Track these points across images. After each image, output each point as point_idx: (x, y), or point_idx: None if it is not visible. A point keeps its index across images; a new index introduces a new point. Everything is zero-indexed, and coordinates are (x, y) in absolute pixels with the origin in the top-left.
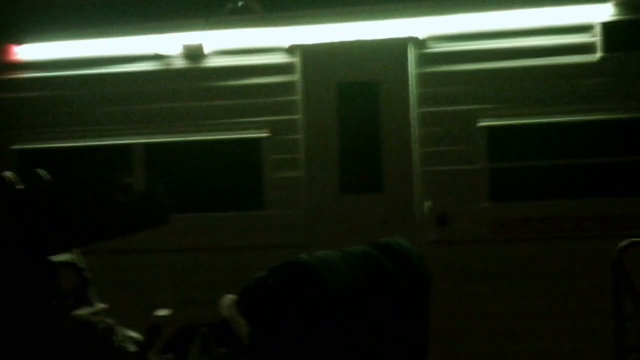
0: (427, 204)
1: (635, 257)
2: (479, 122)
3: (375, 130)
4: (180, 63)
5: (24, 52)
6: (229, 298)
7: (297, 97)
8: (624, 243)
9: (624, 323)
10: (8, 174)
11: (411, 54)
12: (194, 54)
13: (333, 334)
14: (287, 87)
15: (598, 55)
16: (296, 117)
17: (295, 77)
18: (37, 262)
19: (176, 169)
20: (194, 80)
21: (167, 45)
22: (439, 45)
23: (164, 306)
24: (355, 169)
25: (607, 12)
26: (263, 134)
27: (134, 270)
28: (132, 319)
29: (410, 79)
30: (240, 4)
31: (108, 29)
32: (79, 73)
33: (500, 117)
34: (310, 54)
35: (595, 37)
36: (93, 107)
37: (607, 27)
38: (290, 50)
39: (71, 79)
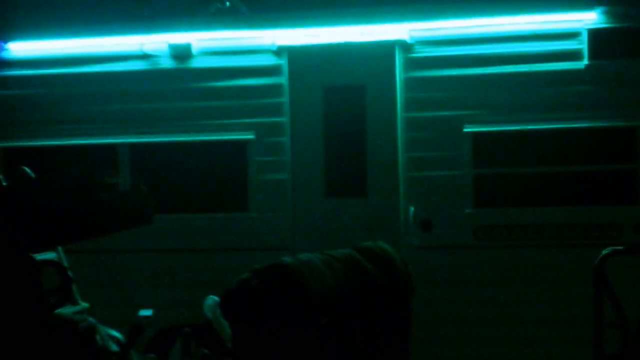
0: (412, 209)
1: (617, 265)
2: (464, 128)
3: (361, 134)
4: (167, 63)
5: (12, 49)
6: (212, 300)
7: (284, 99)
8: (605, 251)
9: (604, 331)
10: None
11: (398, 59)
12: (181, 54)
13: (315, 337)
14: (273, 90)
15: (584, 62)
16: (282, 119)
17: (282, 79)
18: (19, 259)
19: (162, 169)
20: (180, 81)
21: (155, 45)
22: (426, 50)
23: (147, 306)
24: (341, 173)
25: (594, 20)
26: (249, 136)
27: (117, 269)
28: (115, 318)
29: (397, 83)
30: (227, 4)
31: (96, 27)
32: (67, 71)
33: (486, 123)
34: (297, 57)
35: (582, 45)
36: (80, 105)
37: (594, 34)
38: (278, 52)
39: (59, 78)
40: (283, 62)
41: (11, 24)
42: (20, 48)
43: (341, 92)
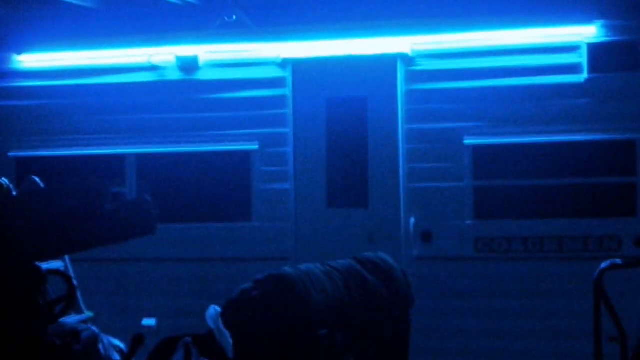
0: (412, 220)
1: (616, 278)
2: (465, 140)
3: (363, 145)
4: (173, 75)
5: (22, 61)
6: (214, 309)
7: (287, 111)
8: (604, 264)
9: (603, 344)
10: (3, 180)
11: (400, 71)
12: (187, 66)
13: (315, 347)
14: (277, 101)
15: (584, 76)
16: (286, 130)
17: (286, 91)
18: (25, 268)
19: (167, 179)
20: (186, 92)
21: (162, 57)
22: (427, 63)
23: (150, 316)
24: (343, 184)
25: (593, 34)
26: (253, 147)
27: (121, 279)
28: (118, 327)
29: (398, 95)
30: (234, 17)
31: (105, 40)
32: (76, 83)
33: (486, 135)
34: (301, 69)
35: (581, 58)
36: (89, 116)
37: (594, 48)
38: (282, 64)
39: (68, 89)
40: (287, 74)
41: (23, 36)
42: (30, 60)
43: (344, 103)
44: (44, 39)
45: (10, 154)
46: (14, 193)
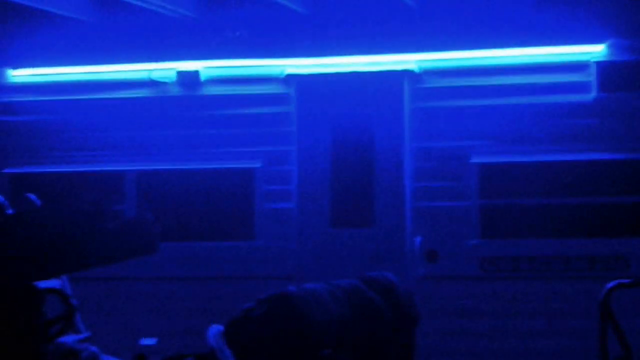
0: (418, 240)
1: (623, 298)
2: (471, 159)
3: (368, 164)
4: (175, 91)
5: (18, 75)
6: (216, 328)
7: (291, 128)
8: (611, 284)
9: None
10: None
11: (407, 89)
12: (189, 81)
13: None
14: (281, 118)
15: (593, 95)
16: (289, 148)
17: (290, 108)
18: (22, 288)
19: (169, 197)
20: (187, 108)
21: (163, 72)
22: (434, 80)
23: (150, 335)
24: (347, 203)
25: (602, 53)
26: (256, 165)
27: (121, 298)
28: (118, 347)
29: (404, 113)
30: (237, 34)
31: (102, 54)
32: (74, 98)
33: (493, 154)
34: (305, 85)
35: (590, 77)
36: (87, 132)
37: (603, 67)
38: (286, 80)
39: (65, 104)
40: (291, 90)
41: (18, 50)
42: (26, 74)
43: (349, 121)
44: (39, 53)
45: (5, 170)
46: (9, 211)
